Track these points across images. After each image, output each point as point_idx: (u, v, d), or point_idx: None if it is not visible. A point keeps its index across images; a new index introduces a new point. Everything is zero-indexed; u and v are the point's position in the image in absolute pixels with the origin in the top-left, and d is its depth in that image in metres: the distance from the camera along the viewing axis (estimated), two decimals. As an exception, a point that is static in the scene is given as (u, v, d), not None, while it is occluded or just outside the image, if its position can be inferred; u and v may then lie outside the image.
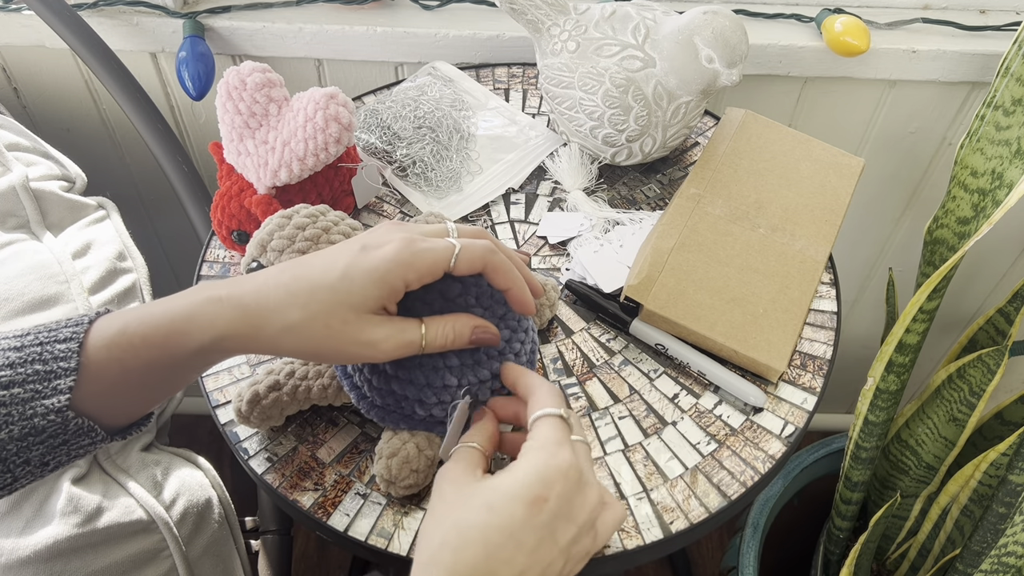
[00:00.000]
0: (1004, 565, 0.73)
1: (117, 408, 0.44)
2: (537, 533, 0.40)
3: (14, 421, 0.41)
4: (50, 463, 0.43)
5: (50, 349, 0.42)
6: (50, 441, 0.42)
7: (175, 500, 0.65)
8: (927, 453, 0.87)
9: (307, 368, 0.55)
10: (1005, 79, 0.77)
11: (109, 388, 0.43)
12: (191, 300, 0.44)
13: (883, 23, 0.87)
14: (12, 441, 0.41)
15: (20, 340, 0.42)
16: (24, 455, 0.42)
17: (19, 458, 0.42)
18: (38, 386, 0.41)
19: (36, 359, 0.42)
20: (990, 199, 0.80)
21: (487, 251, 0.47)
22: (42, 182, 0.75)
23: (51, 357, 0.42)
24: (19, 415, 0.41)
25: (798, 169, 0.71)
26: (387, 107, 0.75)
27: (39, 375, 0.41)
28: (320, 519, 0.53)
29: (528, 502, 0.40)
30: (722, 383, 0.59)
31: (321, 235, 0.55)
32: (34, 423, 0.41)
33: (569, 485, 0.41)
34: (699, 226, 0.66)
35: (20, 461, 0.42)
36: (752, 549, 0.99)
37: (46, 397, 0.41)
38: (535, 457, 0.42)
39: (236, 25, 0.85)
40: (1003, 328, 0.86)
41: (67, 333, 0.42)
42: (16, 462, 0.42)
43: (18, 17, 0.85)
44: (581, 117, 0.69)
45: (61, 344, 0.42)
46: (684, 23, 0.65)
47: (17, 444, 0.41)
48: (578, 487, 0.42)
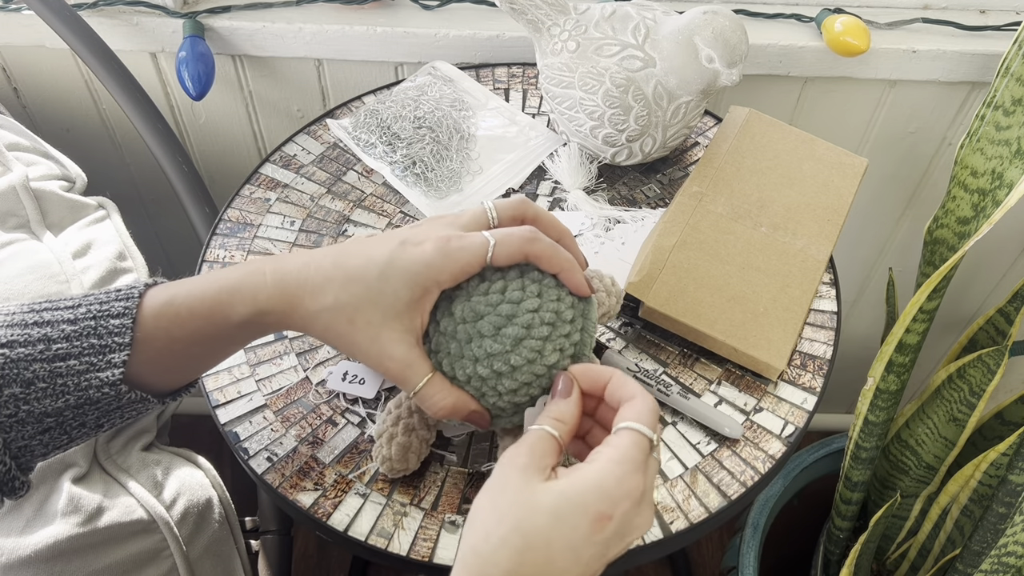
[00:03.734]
0: (1004, 565, 0.73)
1: (165, 375, 0.46)
2: (595, 548, 0.39)
3: (70, 391, 0.43)
4: (104, 425, 0.45)
5: (104, 324, 0.43)
6: (104, 408, 0.44)
7: (175, 500, 0.65)
8: (927, 453, 0.87)
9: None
10: (1005, 79, 0.77)
11: (157, 356, 0.44)
12: (237, 273, 0.45)
13: (883, 23, 0.87)
14: (68, 408, 0.43)
15: (73, 312, 0.43)
16: (80, 419, 0.44)
17: (75, 422, 0.44)
18: (93, 359, 0.43)
19: (91, 333, 0.43)
20: (990, 199, 0.80)
21: (525, 241, 0.46)
22: (42, 182, 0.75)
23: (105, 331, 0.43)
24: (74, 386, 0.43)
25: (801, 168, 0.71)
26: (387, 107, 0.75)
27: (94, 348, 0.43)
28: (320, 519, 0.53)
29: (594, 518, 0.39)
30: (699, 416, 0.58)
31: None
32: (89, 394, 0.43)
33: (632, 506, 0.40)
34: (701, 224, 0.66)
35: (76, 424, 0.44)
36: (752, 549, 0.99)
37: (100, 370, 0.43)
38: (611, 471, 0.40)
39: (236, 25, 0.85)
40: (1003, 328, 0.86)
41: (120, 307, 0.44)
42: (73, 425, 0.44)
43: (18, 17, 0.85)
44: (581, 117, 0.69)
45: (115, 319, 0.43)
46: (684, 23, 0.65)
47: (73, 411, 0.43)
48: (638, 509, 0.41)
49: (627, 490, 0.40)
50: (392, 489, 0.55)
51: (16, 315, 0.43)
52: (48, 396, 0.42)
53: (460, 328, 0.48)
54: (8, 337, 0.42)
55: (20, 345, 0.42)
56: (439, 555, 0.52)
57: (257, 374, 0.61)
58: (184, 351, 0.45)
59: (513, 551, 0.38)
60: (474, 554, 0.39)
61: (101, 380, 0.43)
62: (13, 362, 0.42)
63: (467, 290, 0.48)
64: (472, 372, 0.47)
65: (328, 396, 0.60)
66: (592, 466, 0.40)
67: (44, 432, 0.43)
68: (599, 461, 0.41)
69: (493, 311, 0.47)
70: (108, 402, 0.44)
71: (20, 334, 0.42)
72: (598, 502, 0.39)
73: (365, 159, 0.74)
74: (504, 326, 0.47)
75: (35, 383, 0.42)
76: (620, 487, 0.40)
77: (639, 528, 0.41)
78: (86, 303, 0.44)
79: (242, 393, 0.60)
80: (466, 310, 0.47)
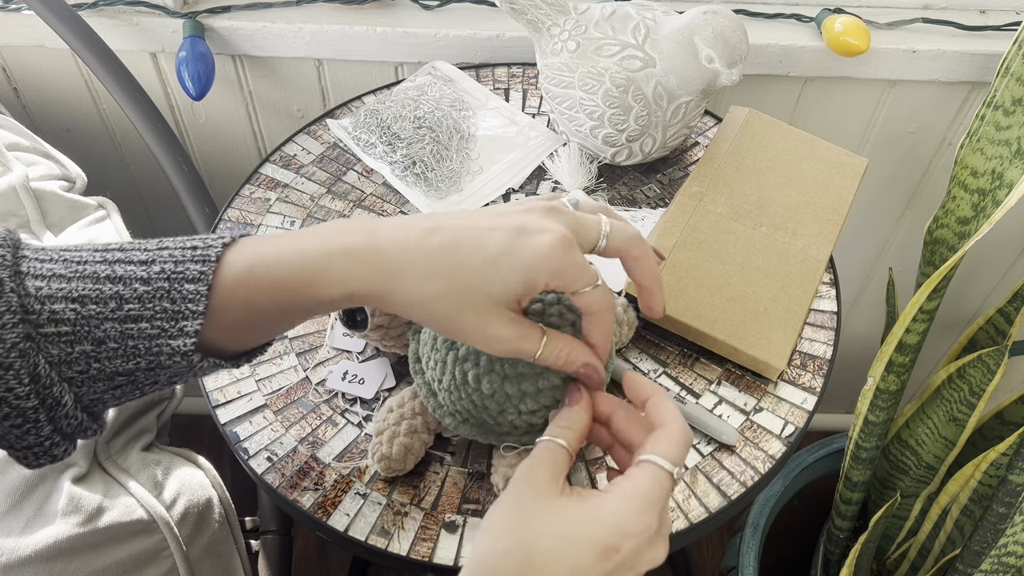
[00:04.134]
0: (1004, 565, 0.73)
1: (240, 340, 0.44)
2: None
3: (140, 355, 0.41)
4: (177, 382, 0.44)
5: (179, 288, 0.41)
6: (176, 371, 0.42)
7: (176, 500, 0.65)
8: (927, 453, 0.87)
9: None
10: (1005, 79, 0.77)
11: (232, 324, 0.42)
12: (326, 249, 0.42)
13: (883, 23, 0.87)
14: (140, 370, 0.42)
15: (147, 270, 0.41)
16: (152, 379, 0.43)
17: (147, 380, 0.43)
18: (165, 324, 0.41)
19: (164, 296, 0.41)
20: (990, 199, 0.80)
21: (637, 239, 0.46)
22: (42, 182, 0.75)
23: (179, 297, 0.41)
24: (145, 350, 0.41)
25: (801, 168, 0.71)
26: (387, 107, 0.75)
27: (167, 313, 0.41)
28: (320, 519, 0.53)
29: (601, 549, 0.39)
30: (695, 422, 0.58)
31: None
32: (160, 360, 0.41)
33: (643, 544, 0.40)
34: (701, 224, 0.66)
35: (148, 382, 0.43)
36: (752, 549, 0.99)
37: (172, 338, 0.41)
38: (626, 506, 0.40)
39: (236, 25, 0.85)
40: (1003, 328, 0.86)
41: (195, 271, 0.41)
42: (144, 383, 0.43)
43: (18, 17, 0.85)
44: (581, 117, 0.69)
45: (190, 284, 0.41)
46: (684, 23, 0.65)
47: (144, 372, 0.42)
48: (650, 544, 0.40)
49: (640, 527, 0.39)
50: (392, 489, 0.55)
51: (88, 265, 0.41)
52: (119, 356, 0.41)
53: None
54: (80, 291, 0.40)
55: (92, 302, 0.40)
56: (439, 555, 0.52)
57: (257, 374, 0.61)
58: (262, 318, 0.43)
59: (514, 565, 0.38)
60: (479, 562, 0.39)
61: (172, 348, 0.41)
62: (84, 319, 0.40)
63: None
64: (498, 387, 0.48)
65: (328, 396, 0.60)
66: (607, 498, 0.40)
67: (116, 388, 0.42)
68: (615, 494, 0.40)
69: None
70: (179, 367, 0.42)
71: (92, 289, 0.40)
72: (607, 536, 0.39)
73: (365, 159, 0.74)
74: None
75: (106, 342, 0.40)
76: (631, 523, 0.39)
77: (649, 562, 0.40)
78: (160, 260, 0.42)
79: (242, 393, 0.60)
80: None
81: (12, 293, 0.39)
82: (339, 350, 0.62)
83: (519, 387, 0.48)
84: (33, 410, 0.39)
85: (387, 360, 0.61)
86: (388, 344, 0.57)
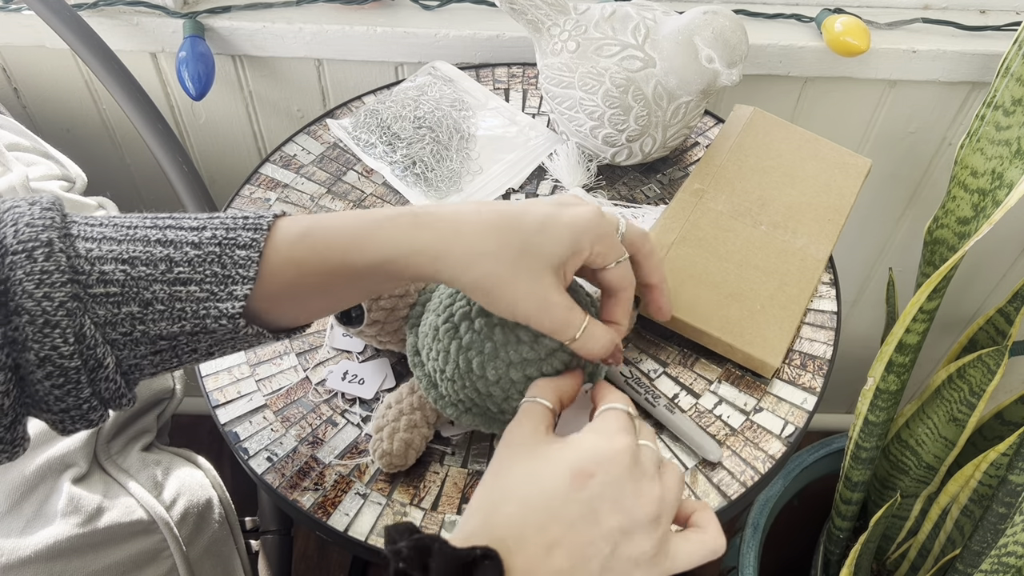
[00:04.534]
0: (1004, 565, 0.73)
1: (286, 310, 0.44)
2: (577, 507, 0.38)
3: (187, 318, 0.41)
4: (215, 353, 0.44)
5: (230, 254, 0.41)
6: (219, 338, 0.43)
7: (175, 500, 0.65)
8: (927, 453, 0.87)
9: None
10: (1005, 79, 0.77)
11: (281, 291, 0.43)
12: (381, 212, 0.43)
13: (883, 23, 0.87)
14: (184, 334, 0.42)
15: (198, 235, 0.42)
16: (193, 346, 0.43)
17: (188, 347, 0.43)
18: (214, 288, 0.41)
19: (215, 260, 0.41)
20: (990, 199, 0.80)
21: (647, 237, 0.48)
22: (42, 182, 0.75)
23: (230, 262, 0.41)
24: (192, 313, 0.41)
25: (804, 167, 0.71)
26: (387, 107, 0.75)
27: (217, 277, 0.41)
28: (320, 519, 0.53)
29: (571, 474, 0.39)
30: (680, 433, 0.57)
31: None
32: (206, 324, 0.41)
33: (619, 469, 0.40)
34: (701, 221, 0.66)
35: (188, 350, 0.43)
36: (752, 549, 0.99)
37: (221, 301, 0.41)
38: (590, 436, 0.42)
39: (236, 25, 0.85)
40: (1003, 328, 0.86)
41: (247, 238, 0.42)
42: (185, 350, 0.43)
43: (18, 17, 0.85)
44: (581, 117, 0.69)
45: (241, 251, 0.42)
46: (684, 23, 0.65)
47: (188, 337, 0.42)
48: (631, 476, 0.40)
49: (609, 449, 0.40)
50: (392, 489, 0.55)
51: (139, 229, 0.41)
52: (165, 319, 0.41)
53: (497, 329, 0.49)
54: (131, 253, 0.40)
55: (142, 264, 0.40)
56: (439, 555, 0.52)
57: (257, 374, 0.61)
58: (311, 287, 0.43)
59: (490, 505, 0.40)
60: (467, 512, 0.41)
61: (220, 311, 0.41)
62: (134, 280, 0.40)
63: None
64: (503, 374, 0.49)
65: (328, 396, 0.60)
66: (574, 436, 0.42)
67: (156, 354, 0.42)
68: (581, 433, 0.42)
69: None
70: (224, 333, 0.42)
71: (143, 251, 0.41)
72: (575, 460, 0.40)
73: (365, 159, 0.74)
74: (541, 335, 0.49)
75: (153, 304, 0.41)
76: (599, 447, 0.40)
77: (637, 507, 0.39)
78: (212, 227, 0.42)
79: (242, 393, 0.60)
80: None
81: (61, 253, 0.39)
82: (339, 350, 0.62)
83: (524, 373, 0.49)
84: (75, 371, 0.39)
85: (387, 360, 0.61)
86: (384, 340, 0.57)
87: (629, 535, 0.39)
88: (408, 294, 0.56)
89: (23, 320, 0.38)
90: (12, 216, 0.39)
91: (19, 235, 0.39)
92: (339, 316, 0.57)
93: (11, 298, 0.38)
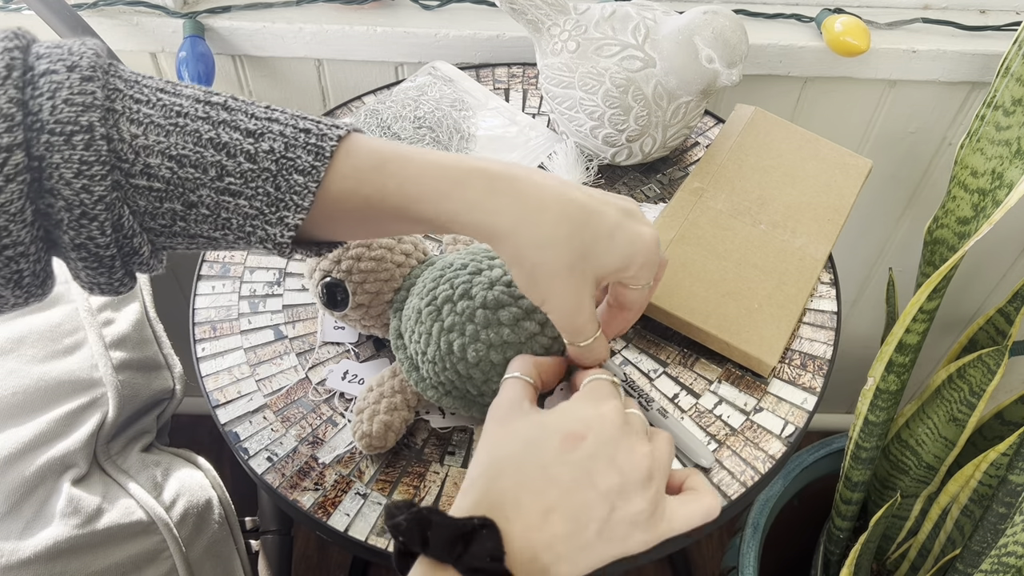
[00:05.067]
0: (1004, 565, 0.73)
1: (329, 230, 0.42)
2: (571, 470, 0.38)
3: (231, 229, 0.39)
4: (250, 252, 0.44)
5: (286, 177, 0.39)
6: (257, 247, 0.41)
7: (175, 501, 0.65)
8: (927, 453, 0.87)
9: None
10: (1005, 79, 0.77)
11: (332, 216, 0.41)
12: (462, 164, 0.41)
13: (883, 23, 0.87)
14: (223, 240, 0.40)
15: (255, 145, 0.39)
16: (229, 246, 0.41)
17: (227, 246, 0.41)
18: (265, 209, 0.39)
19: (269, 179, 0.39)
20: (990, 199, 0.80)
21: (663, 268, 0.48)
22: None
23: (286, 186, 0.39)
24: (237, 226, 0.39)
25: (804, 167, 0.71)
26: (387, 107, 0.75)
27: (269, 198, 0.39)
28: (320, 519, 0.53)
29: (563, 436, 0.39)
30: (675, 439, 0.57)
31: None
32: (250, 241, 0.40)
33: (610, 429, 0.39)
34: (700, 220, 0.66)
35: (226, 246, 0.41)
36: (752, 549, 0.99)
37: (270, 224, 0.39)
38: (578, 402, 0.42)
39: (236, 25, 0.85)
40: (1003, 328, 0.86)
41: (306, 164, 0.39)
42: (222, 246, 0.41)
43: (18, 17, 0.85)
44: (581, 117, 0.69)
45: (299, 176, 0.39)
46: (684, 23, 0.65)
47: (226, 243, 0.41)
48: (622, 434, 0.40)
49: (597, 412, 0.40)
50: (392, 489, 0.55)
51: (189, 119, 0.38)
52: (207, 223, 0.39)
53: (479, 312, 0.50)
54: (180, 150, 0.38)
55: (191, 165, 0.38)
56: (439, 555, 0.52)
57: (257, 374, 0.61)
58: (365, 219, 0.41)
59: (486, 479, 0.39)
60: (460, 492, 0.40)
61: (267, 234, 0.39)
62: (180, 179, 0.38)
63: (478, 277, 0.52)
64: (484, 356, 0.50)
65: (328, 396, 0.60)
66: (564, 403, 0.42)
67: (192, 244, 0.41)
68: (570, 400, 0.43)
69: (515, 302, 0.50)
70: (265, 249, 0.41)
71: (193, 151, 0.38)
72: (567, 423, 0.40)
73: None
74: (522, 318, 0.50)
75: (198, 207, 0.39)
76: (587, 410, 0.41)
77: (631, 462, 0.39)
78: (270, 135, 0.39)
79: (242, 393, 0.60)
80: (488, 297, 0.50)
81: (102, 140, 0.36)
82: (332, 343, 0.62)
83: (504, 355, 0.50)
84: (111, 258, 0.38)
85: (387, 360, 0.61)
86: (368, 324, 0.58)
87: (625, 495, 0.38)
88: (393, 278, 0.56)
89: (59, 204, 0.36)
90: (49, 85, 0.36)
91: (56, 113, 0.35)
92: (325, 300, 0.57)
93: (47, 178, 0.36)
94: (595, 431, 0.39)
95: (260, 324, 0.63)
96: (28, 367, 0.65)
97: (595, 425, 0.39)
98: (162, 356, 0.73)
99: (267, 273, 0.66)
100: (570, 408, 0.41)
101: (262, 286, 0.66)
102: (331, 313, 0.58)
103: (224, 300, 0.65)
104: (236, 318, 0.64)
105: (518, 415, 0.42)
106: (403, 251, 0.58)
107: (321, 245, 0.44)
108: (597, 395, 0.42)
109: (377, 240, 0.57)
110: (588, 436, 0.39)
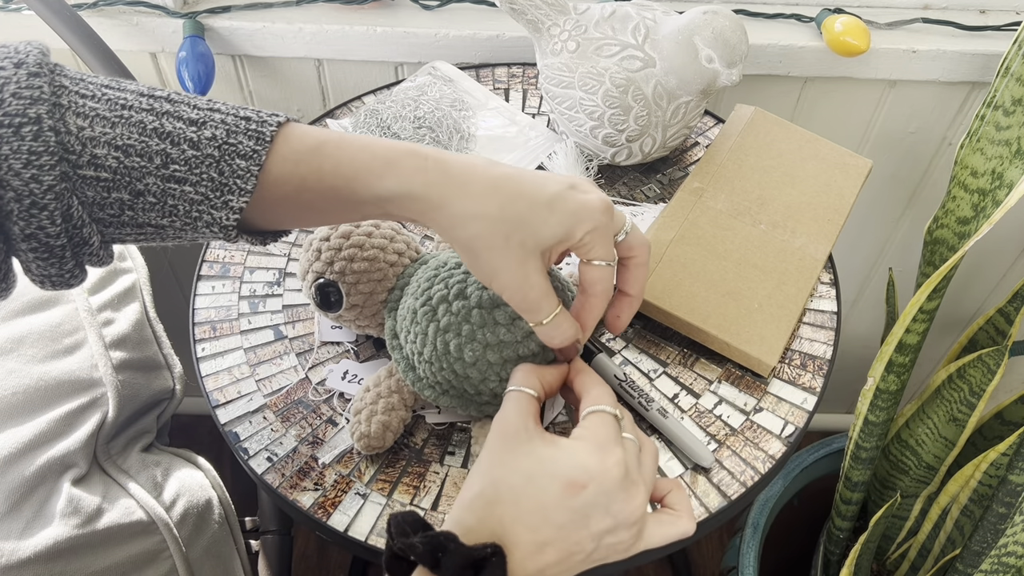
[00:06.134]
0: (1004, 565, 0.73)
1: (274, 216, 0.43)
2: (568, 514, 0.39)
3: (178, 215, 0.40)
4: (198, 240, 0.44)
5: (229, 162, 0.40)
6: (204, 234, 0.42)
7: (175, 501, 0.65)
8: (927, 453, 0.87)
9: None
10: (1005, 79, 0.77)
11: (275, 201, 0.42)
12: (393, 148, 0.42)
13: (883, 23, 0.87)
14: (171, 227, 0.41)
15: (198, 134, 0.40)
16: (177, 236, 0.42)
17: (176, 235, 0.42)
18: (210, 193, 0.40)
19: (213, 165, 0.40)
20: (990, 199, 0.80)
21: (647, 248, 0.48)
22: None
23: (229, 171, 0.40)
24: (184, 212, 0.40)
25: (804, 167, 0.71)
26: (387, 107, 0.75)
27: (213, 183, 0.40)
28: (320, 519, 0.53)
29: (564, 484, 0.40)
30: (672, 437, 0.57)
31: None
32: (197, 226, 0.41)
33: (611, 482, 0.40)
34: (700, 220, 0.66)
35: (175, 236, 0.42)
36: (752, 549, 0.99)
37: (215, 208, 0.40)
38: (582, 445, 0.42)
39: (236, 25, 0.85)
40: (1003, 328, 0.86)
41: (248, 148, 0.40)
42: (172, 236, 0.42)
43: (18, 17, 0.85)
44: (581, 117, 0.69)
45: (241, 160, 0.40)
46: (684, 23, 0.65)
47: (175, 230, 0.42)
48: (622, 485, 0.41)
49: (601, 462, 0.41)
50: (392, 489, 0.55)
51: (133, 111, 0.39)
52: (155, 211, 0.40)
53: (475, 311, 0.50)
54: (125, 140, 0.39)
55: (136, 154, 0.39)
56: (439, 555, 0.52)
57: (257, 374, 0.61)
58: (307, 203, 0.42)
59: (485, 502, 0.40)
60: (458, 505, 0.41)
61: (213, 218, 0.40)
62: (126, 168, 0.39)
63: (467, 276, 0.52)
64: (480, 355, 0.50)
65: (328, 396, 0.60)
66: (567, 441, 0.42)
67: (142, 235, 0.42)
68: (573, 437, 0.43)
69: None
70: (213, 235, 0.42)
71: (138, 141, 0.39)
72: (569, 469, 0.40)
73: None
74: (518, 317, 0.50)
75: (145, 195, 0.40)
76: (591, 459, 0.41)
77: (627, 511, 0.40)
78: (212, 123, 0.40)
79: (242, 393, 0.60)
80: (484, 296, 0.50)
81: (50, 132, 0.37)
82: (332, 343, 0.62)
83: (500, 354, 0.50)
84: (61, 248, 0.39)
85: (386, 359, 0.61)
86: (363, 324, 0.58)
87: (614, 532, 0.41)
88: (387, 278, 0.56)
89: (8, 195, 0.37)
90: None
91: (5, 106, 0.37)
92: (319, 302, 0.57)
93: None
94: (597, 482, 0.40)
95: (260, 324, 0.63)
96: (28, 367, 0.65)
97: (597, 477, 0.40)
98: (162, 356, 0.73)
99: (267, 273, 0.66)
100: (576, 453, 0.41)
101: (262, 286, 0.66)
102: (325, 315, 0.58)
103: (224, 300, 0.65)
104: (236, 318, 0.64)
105: (523, 439, 0.42)
106: (396, 250, 0.58)
107: (267, 235, 0.45)
108: (602, 440, 0.42)
109: (369, 240, 0.57)
110: (589, 487, 0.40)
